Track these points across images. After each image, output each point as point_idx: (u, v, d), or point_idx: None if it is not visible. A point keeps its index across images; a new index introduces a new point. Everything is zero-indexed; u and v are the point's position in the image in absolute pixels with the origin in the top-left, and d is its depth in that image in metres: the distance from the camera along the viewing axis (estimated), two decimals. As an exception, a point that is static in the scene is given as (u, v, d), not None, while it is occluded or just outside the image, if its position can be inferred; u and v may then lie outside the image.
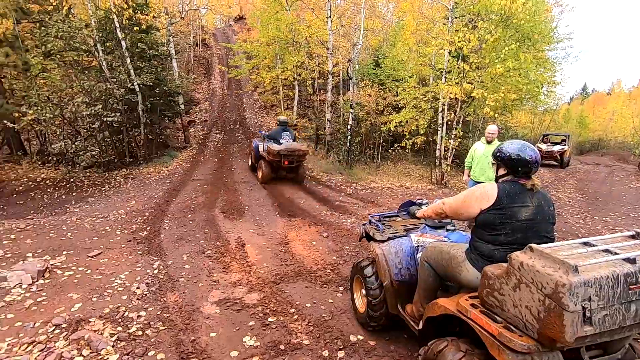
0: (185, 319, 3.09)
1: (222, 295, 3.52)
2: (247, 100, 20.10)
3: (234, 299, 3.43)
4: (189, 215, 6.23)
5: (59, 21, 9.64)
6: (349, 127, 12.39)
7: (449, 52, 10.01)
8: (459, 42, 9.01)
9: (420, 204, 2.64)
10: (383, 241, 2.75)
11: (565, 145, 14.72)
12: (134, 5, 10.94)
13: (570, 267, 1.40)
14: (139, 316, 3.09)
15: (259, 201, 7.23)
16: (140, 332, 2.86)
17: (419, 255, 2.59)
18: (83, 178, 9.78)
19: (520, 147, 1.93)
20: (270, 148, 8.56)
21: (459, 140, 10.45)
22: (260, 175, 9.28)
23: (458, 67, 9.46)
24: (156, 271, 4.02)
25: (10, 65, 9.68)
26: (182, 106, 14.83)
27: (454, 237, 2.56)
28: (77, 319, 2.96)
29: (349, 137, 12.31)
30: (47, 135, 11.77)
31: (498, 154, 2.00)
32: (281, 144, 8.56)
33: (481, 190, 1.95)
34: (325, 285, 3.75)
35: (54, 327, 2.84)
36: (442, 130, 10.49)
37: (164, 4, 14.97)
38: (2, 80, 10.47)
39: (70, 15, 10.59)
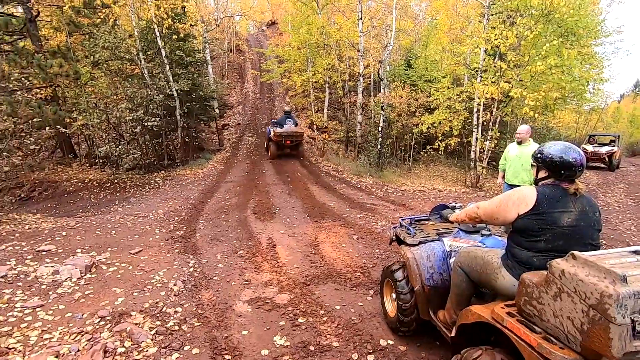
0: (219, 316, 3.20)
1: (253, 294, 3.60)
2: (278, 104, 20.44)
3: (265, 299, 3.50)
4: (223, 216, 6.43)
5: (106, 32, 10.33)
6: (379, 129, 12.27)
7: (485, 51, 9.67)
8: (495, 39, 8.68)
9: (453, 208, 2.57)
10: (414, 245, 2.70)
11: (614, 146, 13.71)
12: (173, 15, 11.49)
13: (618, 276, 1.31)
14: (175, 312, 3.23)
15: (289, 203, 7.33)
16: (176, 327, 2.99)
17: (452, 260, 2.52)
18: (126, 179, 10.37)
19: (563, 148, 1.83)
20: (275, 131, 10.93)
21: (495, 141, 10.04)
22: (269, 152, 11.76)
23: (495, 66, 9.10)
24: (192, 269, 4.19)
25: (63, 75, 10.46)
26: (217, 110, 15.37)
27: (489, 242, 2.47)
28: (120, 312, 3.14)
29: (379, 139, 12.19)
30: (94, 140, 12.62)
31: (539, 155, 1.91)
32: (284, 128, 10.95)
33: (519, 194, 1.87)
34: (355, 288, 3.74)
35: (100, 318, 3.04)
36: (478, 131, 10.13)
37: (201, 12, 15.60)
38: (56, 88, 11.34)
39: (115, 27, 11.30)
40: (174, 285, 3.74)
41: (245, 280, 3.91)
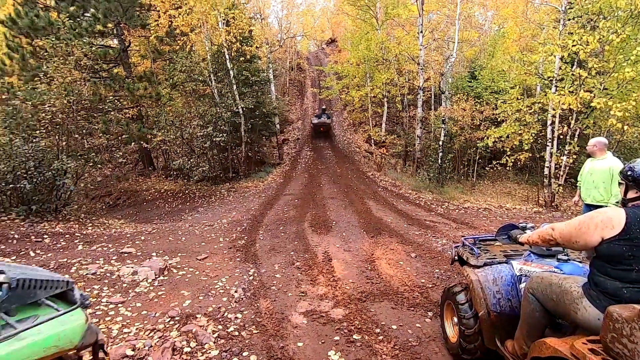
0: (275, 325, 3.27)
1: (309, 306, 3.63)
2: (336, 119, 20.77)
3: (320, 312, 3.51)
4: (281, 228, 6.64)
5: (183, 57, 11.48)
6: (440, 143, 11.83)
7: (561, 58, 8.91)
8: (573, 46, 7.96)
9: (523, 228, 2.37)
10: (479, 266, 2.53)
11: None
12: (241, 39, 12.42)
13: None
14: (236, 317, 3.38)
15: (345, 217, 7.33)
16: (236, 333, 3.12)
17: (522, 285, 2.31)
18: (195, 190, 11.25)
19: None
20: (313, 121, 18.19)
21: (574, 156, 9.08)
22: (310, 133, 18.56)
23: (572, 74, 8.33)
24: (251, 277, 4.37)
25: (147, 96, 11.82)
26: (278, 126, 16.10)
27: (567, 268, 2.22)
28: (187, 313, 3.38)
29: (440, 154, 11.74)
30: (170, 154, 13.93)
31: (629, 172, 1.70)
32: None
33: (603, 216, 1.67)
34: (412, 308, 3.59)
35: (170, 318, 3.29)
36: (552, 145, 9.28)
37: (266, 35, 16.64)
38: (141, 108, 12.83)
39: (191, 52, 12.53)
40: (235, 292, 3.92)
41: (301, 292, 3.96)
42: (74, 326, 1.52)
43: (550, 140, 9.33)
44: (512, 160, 10.22)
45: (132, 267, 4.31)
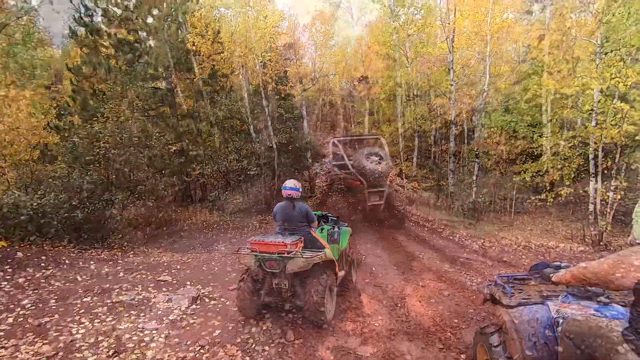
0: (302, 359, 3.25)
1: (336, 342, 3.58)
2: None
3: (347, 349, 3.45)
4: (310, 261, 6.64)
5: (223, 97, 12.33)
6: (474, 177, 11.56)
7: (600, 91, 8.64)
8: (612, 79, 7.74)
9: (557, 267, 2.29)
10: (512, 306, 2.44)
11: None
12: (277, 79, 13.20)
13: None
14: (263, 350, 3.40)
15: (375, 252, 7.23)
16: (263, 366, 3.13)
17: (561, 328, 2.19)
18: (229, 221, 11.59)
19: None
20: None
21: (622, 192, 8.52)
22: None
23: (614, 108, 8.02)
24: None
25: (189, 133, 12.67)
26: (310, 160, 16.46)
27: (608, 312, 2.10)
28: (217, 343, 3.45)
29: (474, 188, 11.43)
30: (207, 186, 14.59)
31: None
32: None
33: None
34: (444, 350, 3.44)
35: (200, 347, 3.37)
36: (596, 180, 8.79)
37: (300, 74, 17.53)
38: (183, 144, 13.71)
39: (231, 92, 13.44)
40: (264, 324, 3.95)
41: (329, 327, 3.92)
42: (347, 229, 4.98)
43: (593, 175, 8.86)
44: (553, 196, 9.74)
45: (167, 295, 4.49)
